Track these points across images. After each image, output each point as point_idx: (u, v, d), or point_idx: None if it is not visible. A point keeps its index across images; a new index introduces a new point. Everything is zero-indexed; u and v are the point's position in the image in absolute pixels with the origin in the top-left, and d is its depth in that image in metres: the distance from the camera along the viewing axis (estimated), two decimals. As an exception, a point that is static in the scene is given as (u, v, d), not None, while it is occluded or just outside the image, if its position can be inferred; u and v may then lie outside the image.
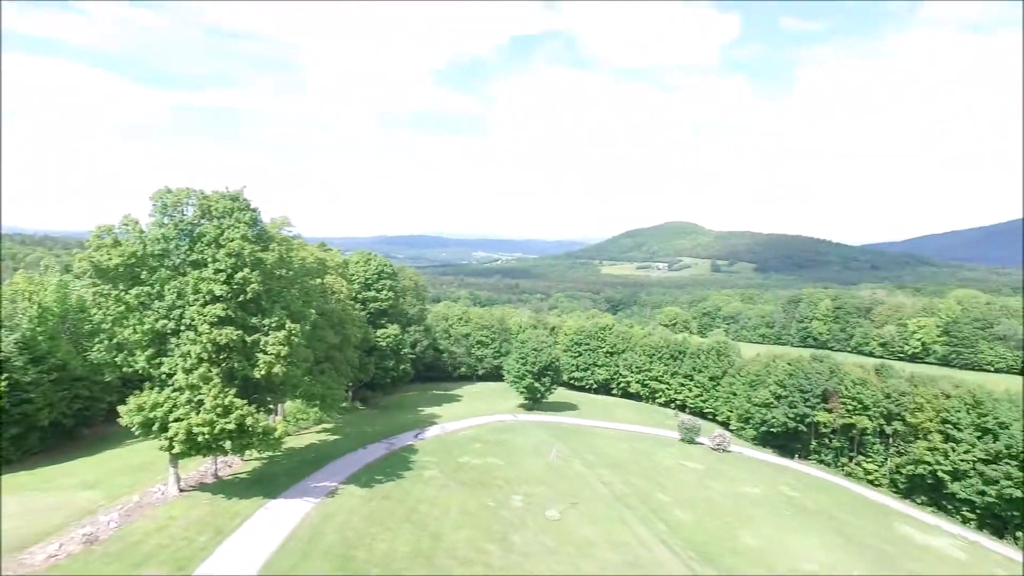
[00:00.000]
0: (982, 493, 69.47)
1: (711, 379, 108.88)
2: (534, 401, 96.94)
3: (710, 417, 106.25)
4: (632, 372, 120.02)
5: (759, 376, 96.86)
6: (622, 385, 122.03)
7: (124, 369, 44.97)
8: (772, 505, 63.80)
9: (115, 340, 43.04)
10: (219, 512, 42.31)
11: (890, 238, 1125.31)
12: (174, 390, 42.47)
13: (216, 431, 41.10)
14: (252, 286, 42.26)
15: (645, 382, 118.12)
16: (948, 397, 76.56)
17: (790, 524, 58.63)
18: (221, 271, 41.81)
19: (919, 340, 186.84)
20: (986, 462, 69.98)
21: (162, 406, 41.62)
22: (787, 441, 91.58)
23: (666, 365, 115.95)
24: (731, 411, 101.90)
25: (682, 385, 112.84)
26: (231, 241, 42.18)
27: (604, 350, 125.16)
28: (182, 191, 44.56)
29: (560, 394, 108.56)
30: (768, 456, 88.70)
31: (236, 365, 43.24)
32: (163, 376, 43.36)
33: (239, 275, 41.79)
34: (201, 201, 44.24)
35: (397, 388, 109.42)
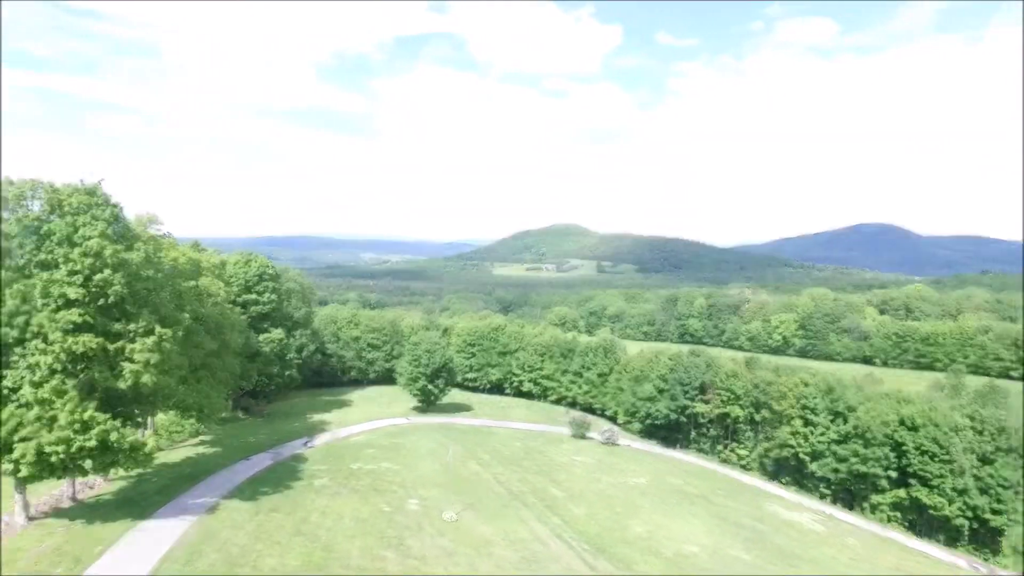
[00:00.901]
0: (836, 470, 77.31)
1: (599, 376, 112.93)
2: (428, 403, 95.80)
3: (599, 412, 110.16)
4: (524, 371, 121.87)
5: (643, 372, 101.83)
6: (515, 384, 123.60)
7: (-46, 385, 39.19)
8: (658, 494, 67.18)
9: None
10: (78, 540, 37.91)
11: (754, 240, 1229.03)
12: (19, 406, 37.50)
13: (73, 450, 36.81)
14: (114, 289, 38.33)
15: (537, 380, 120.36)
16: (807, 385, 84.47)
17: (675, 510, 62.01)
18: (76, 273, 37.56)
19: (781, 334, 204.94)
20: (838, 442, 77.98)
21: (4, 424, 36.62)
22: (670, 432, 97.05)
23: (557, 364, 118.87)
24: (618, 406, 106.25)
25: (572, 382, 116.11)
26: (88, 240, 38.02)
27: (497, 350, 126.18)
28: (26, 183, 39.67)
29: (454, 395, 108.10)
30: (653, 447, 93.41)
31: (97, 375, 39.01)
32: (5, 391, 38.21)
33: (98, 277, 37.76)
34: (50, 195, 39.59)
35: (283, 395, 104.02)
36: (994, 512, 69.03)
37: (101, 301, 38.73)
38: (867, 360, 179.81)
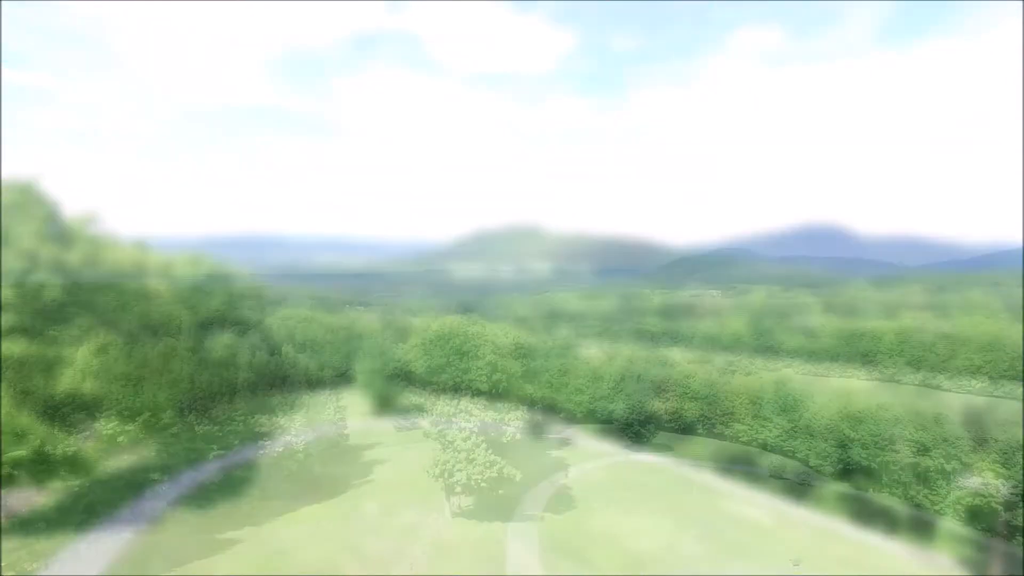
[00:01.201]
0: (785, 465, 79.84)
1: (558, 376, 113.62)
2: (386, 405, 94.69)
3: (558, 411, 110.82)
4: (483, 372, 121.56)
5: (600, 372, 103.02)
6: (474, 385, 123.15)
7: None
8: (617, 490, 68.09)
9: None
10: (14, 556, 36.02)
11: (707, 240, 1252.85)
12: (-53, 416, 35.51)
13: (6, 461, 35.02)
14: (50, 291, 36.65)
15: (496, 381, 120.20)
16: (758, 383, 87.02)
17: (633, 507, 62.95)
18: (8, 274, 35.76)
19: (733, 333, 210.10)
20: (787, 437, 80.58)
21: (-70, 436, 34.59)
22: (627, 429, 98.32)
23: (515, 364, 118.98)
24: (576, 405, 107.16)
25: (531, 383, 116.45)
26: (21, 240, 36.27)
27: (455, 351, 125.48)
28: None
29: (412, 396, 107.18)
30: (611, 445, 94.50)
31: (33, 382, 37.21)
32: (-69, 400, 36.09)
33: (33, 279, 36.03)
34: (-19, 192, 37.51)
35: (235, 399, 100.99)
36: (930, 500, 72.35)
37: (36, 304, 36.98)
38: (814, 357, 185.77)
